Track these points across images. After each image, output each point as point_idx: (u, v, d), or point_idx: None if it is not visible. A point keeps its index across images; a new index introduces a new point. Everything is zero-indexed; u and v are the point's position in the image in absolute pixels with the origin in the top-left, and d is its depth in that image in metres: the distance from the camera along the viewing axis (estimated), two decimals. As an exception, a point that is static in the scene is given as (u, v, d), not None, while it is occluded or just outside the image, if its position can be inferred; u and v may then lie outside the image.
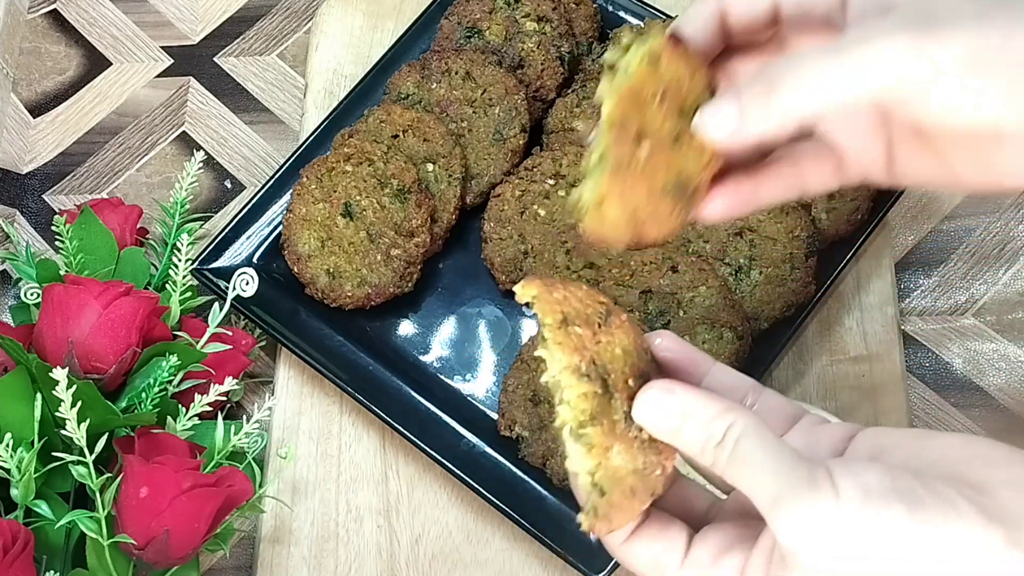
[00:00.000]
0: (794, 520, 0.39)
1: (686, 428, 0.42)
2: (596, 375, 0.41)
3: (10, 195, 0.95)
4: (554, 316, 0.42)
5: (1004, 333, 0.83)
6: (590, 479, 0.41)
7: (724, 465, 0.41)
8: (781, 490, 0.39)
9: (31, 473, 0.68)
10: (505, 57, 0.87)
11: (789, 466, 0.40)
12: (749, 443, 0.41)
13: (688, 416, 0.42)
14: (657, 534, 0.45)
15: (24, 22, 1.04)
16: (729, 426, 0.41)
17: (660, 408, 0.42)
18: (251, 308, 0.81)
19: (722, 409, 0.41)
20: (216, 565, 0.79)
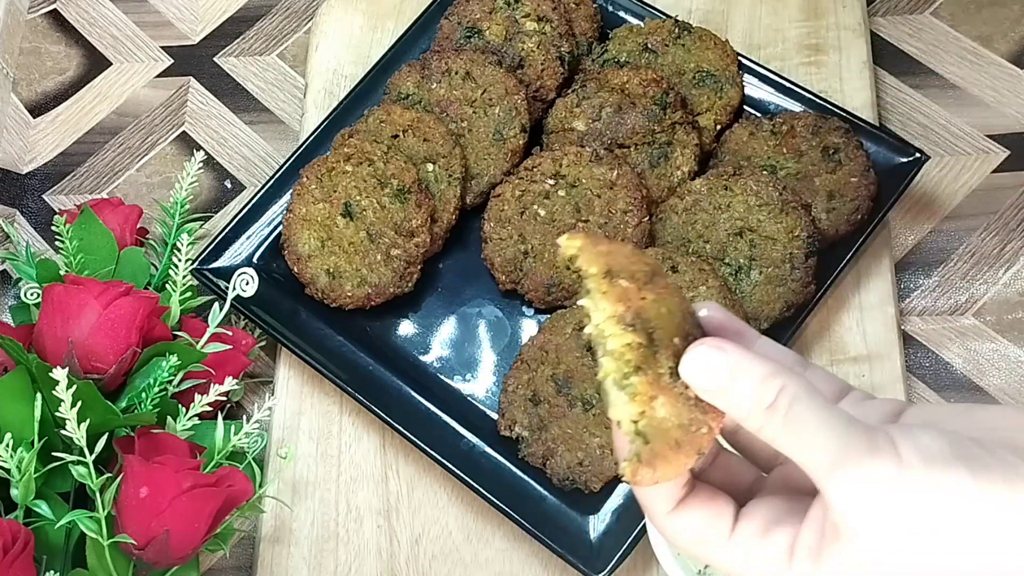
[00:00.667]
0: (852, 485, 0.37)
1: (736, 388, 0.40)
2: (641, 327, 0.40)
3: (10, 195, 0.95)
4: (599, 266, 0.40)
5: (1004, 333, 0.83)
6: (633, 427, 0.40)
7: (776, 429, 0.39)
8: (839, 454, 0.37)
9: (31, 473, 0.68)
10: (505, 57, 0.87)
11: (846, 429, 0.38)
12: (803, 406, 0.39)
13: (738, 376, 0.40)
14: (704, 505, 0.43)
15: (24, 22, 1.04)
16: (781, 388, 0.39)
17: (710, 365, 0.40)
18: (251, 308, 0.81)
19: (774, 371, 0.40)
20: (216, 565, 0.79)
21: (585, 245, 0.41)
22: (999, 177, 0.88)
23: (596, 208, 0.81)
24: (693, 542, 0.43)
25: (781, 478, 0.45)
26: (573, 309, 0.78)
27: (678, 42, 0.87)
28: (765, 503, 0.44)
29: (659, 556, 0.65)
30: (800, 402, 0.39)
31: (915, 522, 0.37)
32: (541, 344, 0.77)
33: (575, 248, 0.41)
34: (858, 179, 0.81)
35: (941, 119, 0.91)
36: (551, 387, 0.76)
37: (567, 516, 0.74)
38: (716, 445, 0.46)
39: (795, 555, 0.41)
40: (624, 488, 0.75)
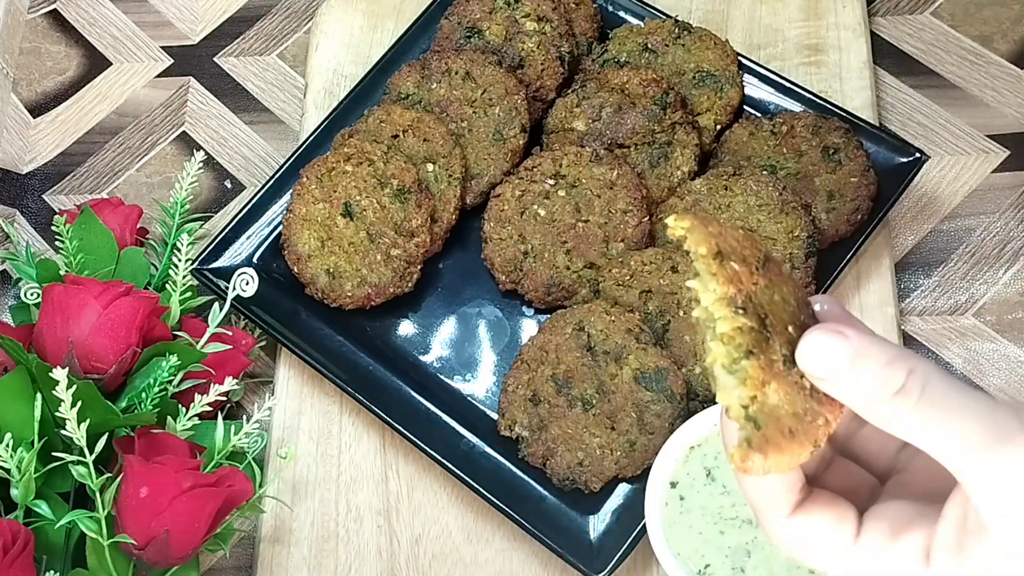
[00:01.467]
0: (1002, 469, 0.34)
1: (858, 373, 0.36)
2: (752, 311, 0.38)
3: (10, 195, 0.95)
4: (708, 247, 0.38)
5: (1004, 333, 0.83)
6: (744, 411, 0.37)
7: (908, 416, 0.36)
8: (984, 437, 0.34)
9: (31, 473, 0.68)
10: (505, 57, 0.87)
11: (991, 409, 0.35)
12: (939, 387, 0.36)
13: (860, 360, 0.36)
14: (825, 508, 0.40)
15: (24, 22, 1.04)
16: (911, 371, 0.36)
17: (828, 351, 0.37)
18: (251, 308, 0.81)
19: (900, 353, 0.36)
20: (216, 565, 0.79)
21: (694, 225, 0.39)
22: (999, 177, 0.88)
23: (596, 208, 0.81)
24: (814, 549, 0.40)
25: (900, 486, 0.43)
26: (573, 309, 0.78)
27: (678, 42, 0.87)
28: (891, 506, 0.41)
29: (659, 556, 0.65)
30: (935, 383, 0.36)
31: None
32: (541, 344, 0.77)
33: (684, 229, 0.39)
34: (858, 179, 0.81)
35: (941, 119, 0.91)
36: (551, 387, 0.76)
37: (567, 516, 0.74)
38: (831, 448, 0.43)
39: (934, 555, 0.38)
40: (624, 488, 0.75)
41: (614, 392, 0.75)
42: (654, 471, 0.67)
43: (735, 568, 0.65)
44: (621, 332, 0.75)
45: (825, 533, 0.40)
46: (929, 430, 0.36)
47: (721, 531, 0.65)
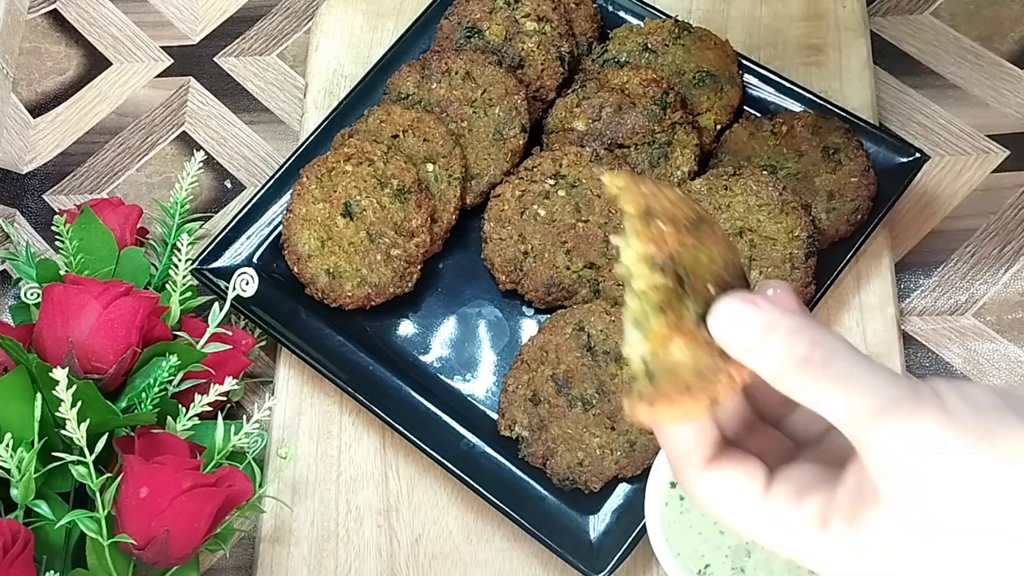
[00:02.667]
0: (895, 439, 0.35)
1: (767, 342, 0.37)
2: (671, 271, 0.39)
3: (10, 195, 0.95)
4: (636, 205, 0.39)
5: (1004, 333, 0.83)
6: (643, 366, 0.38)
7: (810, 384, 0.37)
8: (880, 406, 0.35)
9: (31, 473, 0.68)
10: (505, 57, 0.87)
11: (888, 381, 0.36)
12: (841, 357, 0.37)
13: (771, 330, 0.37)
14: (736, 464, 0.41)
15: (24, 22, 1.04)
16: (814, 342, 0.37)
17: (739, 319, 0.38)
18: (251, 308, 0.81)
19: (806, 324, 0.37)
20: (216, 565, 0.79)
21: (628, 184, 0.40)
22: (999, 177, 0.88)
23: (596, 208, 0.81)
24: (726, 500, 0.41)
25: (815, 453, 0.43)
26: (573, 309, 0.78)
27: (678, 42, 0.87)
28: (800, 468, 0.41)
29: (659, 556, 0.65)
30: (837, 353, 0.37)
31: (966, 477, 0.35)
32: (541, 344, 0.77)
33: (617, 187, 0.40)
34: (858, 179, 0.81)
35: (941, 119, 0.91)
36: (551, 387, 0.76)
37: (567, 516, 0.74)
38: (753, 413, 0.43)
39: (830, 521, 0.39)
40: (624, 488, 0.75)
41: (614, 392, 0.75)
42: (654, 471, 0.67)
43: (735, 568, 0.65)
44: (621, 332, 0.75)
45: (733, 490, 0.41)
46: (829, 399, 0.37)
47: (721, 531, 0.65)
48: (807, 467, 0.41)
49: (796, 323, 0.38)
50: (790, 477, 0.41)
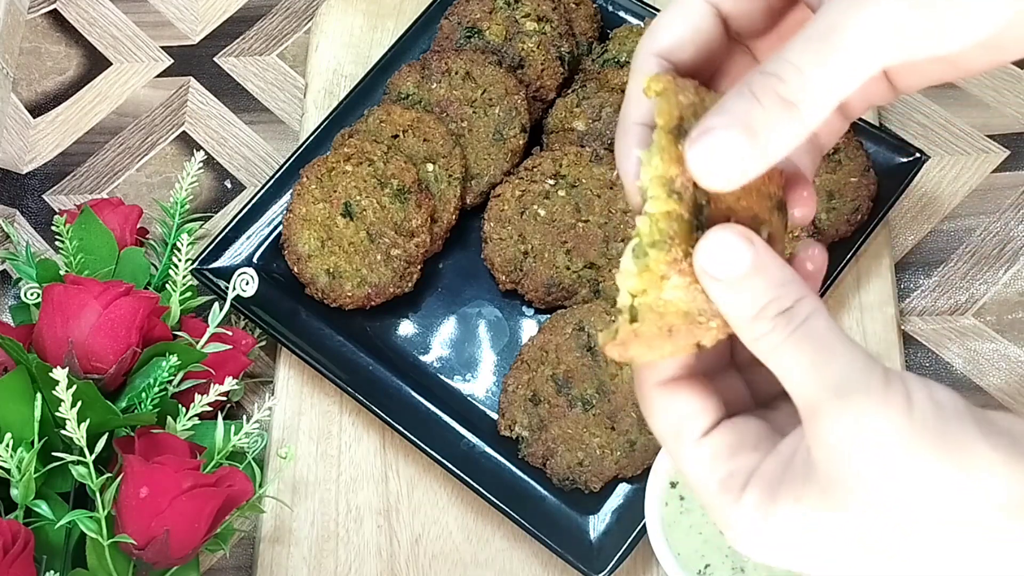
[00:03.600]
0: (852, 418, 0.34)
1: (752, 283, 0.35)
2: (690, 199, 0.35)
3: (10, 195, 0.95)
4: (670, 118, 0.35)
5: (1004, 333, 0.83)
6: (629, 300, 0.36)
7: (782, 339, 0.35)
8: (846, 383, 0.34)
9: (31, 473, 0.68)
10: (505, 57, 0.87)
11: (861, 362, 0.34)
12: (822, 325, 0.35)
13: (759, 272, 0.35)
14: (690, 394, 0.39)
15: (24, 22, 1.04)
16: (800, 299, 0.35)
17: (729, 251, 0.35)
18: (251, 308, 0.81)
19: (795, 279, 0.36)
20: (216, 565, 0.79)
21: (667, 90, 0.36)
22: (999, 177, 0.88)
23: (596, 208, 0.81)
24: (667, 427, 0.39)
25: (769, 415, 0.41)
26: (573, 309, 0.78)
27: (678, 42, 0.87)
28: (747, 422, 0.39)
29: (659, 556, 0.65)
30: (819, 319, 0.35)
31: (914, 476, 0.34)
32: (541, 344, 0.77)
33: (655, 92, 0.36)
34: (858, 179, 0.81)
35: (941, 119, 0.91)
36: (551, 387, 0.76)
37: (567, 516, 0.74)
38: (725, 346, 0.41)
39: (748, 487, 0.37)
40: (624, 488, 0.75)
41: (614, 392, 0.75)
42: (654, 471, 0.67)
43: (735, 568, 0.65)
44: (621, 332, 0.75)
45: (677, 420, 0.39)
46: (794, 363, 0.35)
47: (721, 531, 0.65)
48: (751, 423, 0.39)
49: (786, 276, 0.36)
50: (733, 429, 0.39)
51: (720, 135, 0.35)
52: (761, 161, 0.35)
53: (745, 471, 0.38)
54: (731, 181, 0.35)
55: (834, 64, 0.35)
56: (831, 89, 0.35)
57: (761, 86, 0.35)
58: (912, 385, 0.35)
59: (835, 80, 0.35)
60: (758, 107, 0.35)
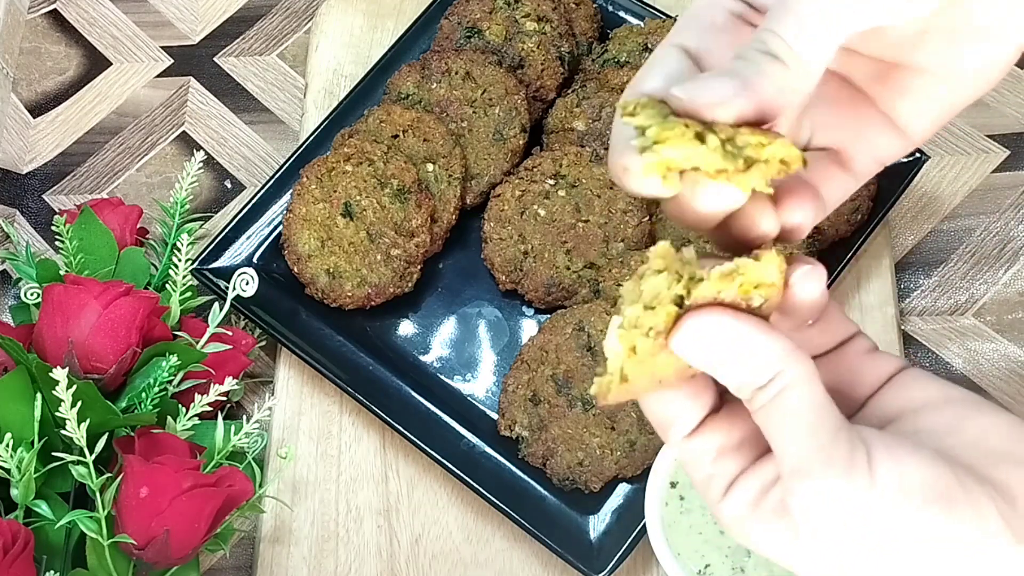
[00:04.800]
0: (817, 497, 0.36)
1: (731, 362, 0.37)
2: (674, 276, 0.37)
3: (10, 195, 0.95)
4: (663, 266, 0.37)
5: (1004, 333, 0.83)
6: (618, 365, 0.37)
7: (760, 410, 0.37)
8: (813, 458, 0.36)
9: (31, 473, 0.68)
10: (505, 57, 0.87)
11: (829, 435, 0.36)
12: (792, 398, 0.37)
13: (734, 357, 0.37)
14: (680, 393, 0.40)
15: (24, 22, 1.04)
16: (778, 373, 0.37)
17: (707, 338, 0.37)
18: (251, 308, 0.81)
19: (777, 353, 0.37)
20: (216, 565, 0.79)
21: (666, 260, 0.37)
22: (999, 177, 0.88)
23: (596, 208, 0.81)
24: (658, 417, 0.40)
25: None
26: (573, 309, 0.78)
27: (678, 42, 0.87)
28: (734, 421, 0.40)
29: (659, 556, 0.65)
30: (790, 393, 0.37)
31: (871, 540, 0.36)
32: (541, 344, 0.77)
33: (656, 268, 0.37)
34: (858, 179, 0.81)
35: (941, 119, 0.91)
36: (551, 387, 0.76)
37: (567, 516, 0.74)
38: None
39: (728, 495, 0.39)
40: (624, 488, 0.75)
41: (614, 392, 0.75)
42: (654, 471, 0.67)
43: (735, 568, 0.65)
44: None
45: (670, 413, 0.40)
46: (771, 431, 0.37)
47: (721, 531, 0.65)
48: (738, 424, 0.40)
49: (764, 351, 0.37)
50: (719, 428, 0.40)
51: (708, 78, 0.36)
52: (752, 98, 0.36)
53: (726, 477, 0.40)
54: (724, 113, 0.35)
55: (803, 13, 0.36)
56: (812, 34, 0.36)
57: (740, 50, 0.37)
58: (878, 459, 0.37)
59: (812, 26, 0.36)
60: (740, 61, 0.36)
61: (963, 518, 0.36)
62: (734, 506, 0.39)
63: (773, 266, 0.37)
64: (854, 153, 0.44)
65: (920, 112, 0.43)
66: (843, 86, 0.43)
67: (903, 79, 0.42)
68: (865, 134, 0.43)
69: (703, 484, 0.40)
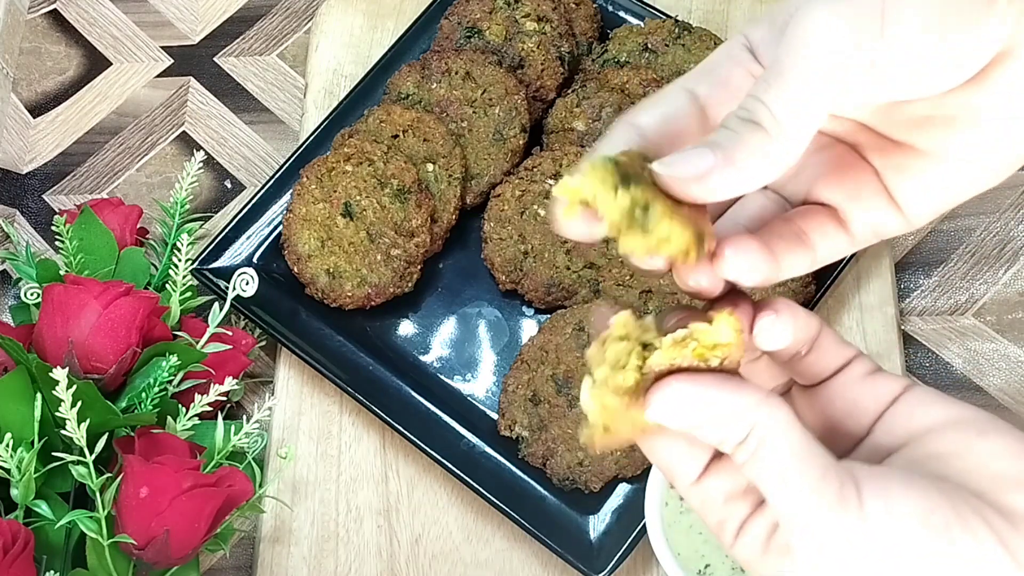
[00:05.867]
0: (813, 538, 0.37)
1: (704, 425, 0.38)
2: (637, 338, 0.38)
3: (10, 195, 0.95)
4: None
5: (1004, 333, 0.83)
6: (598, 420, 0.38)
7: (745, 465, 0.38)
8: (803, 503, 0.37)
9: (31, 473, 0.68)
10: (505, 57, 0.87)
11: (816, 477, 0.37)
12: (772, 449, 0.37)
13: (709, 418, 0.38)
14: (682, 441, 0.40)
15: (24, 22, 1.04)
16: (752, 426, 0.37)
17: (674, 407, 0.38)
18: (251, 308, 0.81)
19: (747, 407, 0.37)
20: (216, 565, 0.79)
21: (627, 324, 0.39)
22: (999, 177, 0.88)
23: (596, 208, 0.80)
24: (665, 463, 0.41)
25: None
26: (573, 309, 0.78)
27: (678, 42, 0.87)
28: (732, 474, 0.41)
29: (659, 556, 0.65)
30: (772, 442, 0.37)
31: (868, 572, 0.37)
32: (541, 344, 0.77)
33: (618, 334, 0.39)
34: (858, 179, 0.81)
35: (941, 119, 0.91)
36: (551, 387, 0.76)
37: (567, 516, 0.74)
38: None
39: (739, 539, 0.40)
40: (624, 488, 0.75)
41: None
42: (654, 471, 0.67)
43: (735, 568, 0.65)
44: (621, 332, 0.75)
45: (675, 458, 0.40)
46: (758, 483, 0.38)
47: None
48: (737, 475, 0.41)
49: (736, 404, 0.37)
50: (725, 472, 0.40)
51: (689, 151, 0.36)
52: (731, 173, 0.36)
53: (736, 520, 0.40)
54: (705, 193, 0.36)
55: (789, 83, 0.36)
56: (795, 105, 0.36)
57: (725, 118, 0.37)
58: (869, 497, 0.37)
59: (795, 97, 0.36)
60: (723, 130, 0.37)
61: (958, 540, 0.36)
62: (746, 549, 0.40)
63: (726, 326, 0.38)
64: (851, 216, 0.43)
65: (919, 192, 0.43)
66: (849, 152, 0.44)
67: (905, 158, 0.42)
68: (864, 201, 0.43)
69: (716, 528, 0.41)
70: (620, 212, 0.36)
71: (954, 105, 0.40)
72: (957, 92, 0.39)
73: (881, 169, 0.43)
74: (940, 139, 0.41)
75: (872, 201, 0.43)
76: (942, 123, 0.41)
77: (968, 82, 0.38)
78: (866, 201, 0.43)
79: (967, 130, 0.40)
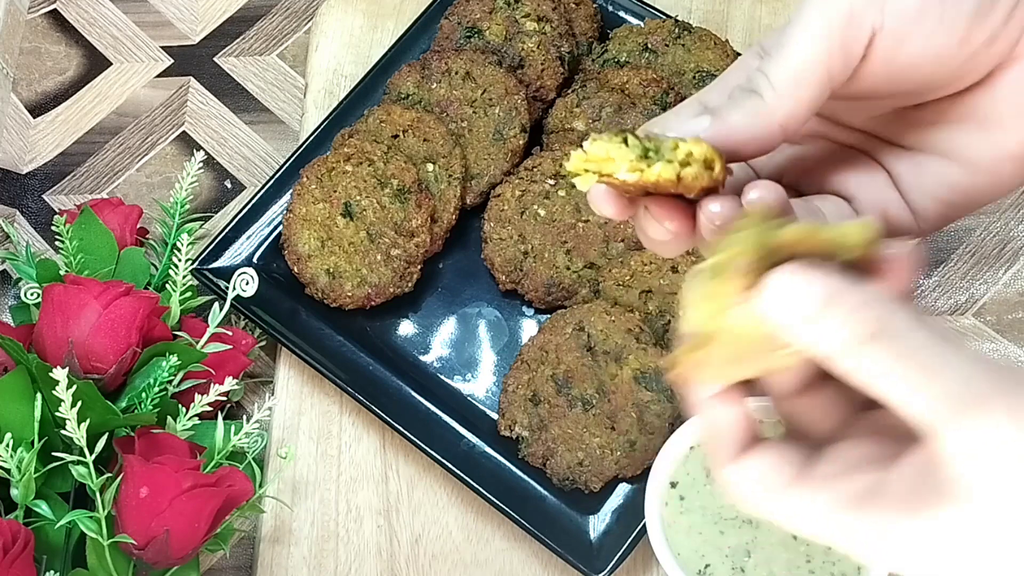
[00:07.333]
0: (979, 436, 0.30)
1: (825, 320, 0.32)
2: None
3: (10, 195, 0.95)
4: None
5: (1004, 333, 0.83)
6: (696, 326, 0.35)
7: (877, 366, 0.32)
8: (962, 397, 0.30)
9: (31, 473, 0.68)
10: (505, 57, 0.87)
11: (972, 366, 0.31)
12: (916, 338, 0.31)
13: (829, 305, 0.32)
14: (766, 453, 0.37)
15: (24, 22, 1.04)
16: (890, 315, 0.32)
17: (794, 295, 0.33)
18: (251, 308, 0.81)
19: (872, 298, 0.32)
20: (216, 565, 0.79)
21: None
22: (999, 177, 0.88)
23: (596, 208, 0.80)
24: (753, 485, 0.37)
25: (869, 424, 0.38)
26: (573, 309, 0.78)
27: (678, 42, 0.87)
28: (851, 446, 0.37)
29: (659, 556, 0.65)
30: (911, 333, 0.32)
31: None
32: (541, 344, 0.77)
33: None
34: (858, 179, 0.81)
35: (941, 119, 0.91)
36: (551, 387, 0.76)
37: (567, 516, 0.74)
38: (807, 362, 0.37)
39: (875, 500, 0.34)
40: (624, 488, 0.75)
41: (614, 392, 0.75)
42: (654, 471, 0.67)
43: (735, 568, 0.65)
44: (621, 332, 0.75)
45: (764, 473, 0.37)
46: (897, 384, 0.32)
47: (721, 531, 0.65)
48: (857, 444, 0.37)
49: (861, 296, 0.33)
50: (837, 455, 0.36)
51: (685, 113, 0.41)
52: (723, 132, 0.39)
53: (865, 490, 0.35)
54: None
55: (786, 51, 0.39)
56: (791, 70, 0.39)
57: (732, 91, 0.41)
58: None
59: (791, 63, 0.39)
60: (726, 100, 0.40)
61: None
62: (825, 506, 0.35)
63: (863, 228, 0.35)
64: (863, 208, 0.43)
65: (928, 192, 0.43)
66: (863, 156, 0.45)
67: (915, 159, 0.44)
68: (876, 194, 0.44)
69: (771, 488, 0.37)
70: (636, 153, 0.37)
71: (961, 108, 0.41)
72: (964, 95, 0.40)
73: (892, 169, 0.44)
74: (949, 141, 0.42)
75: (884, 194, 0.44)
76: (950, 126, 0.42)
77: (975, 85, 0.39)
78: (878, 194, 0.44)
79: (976, 132, 0.41)
